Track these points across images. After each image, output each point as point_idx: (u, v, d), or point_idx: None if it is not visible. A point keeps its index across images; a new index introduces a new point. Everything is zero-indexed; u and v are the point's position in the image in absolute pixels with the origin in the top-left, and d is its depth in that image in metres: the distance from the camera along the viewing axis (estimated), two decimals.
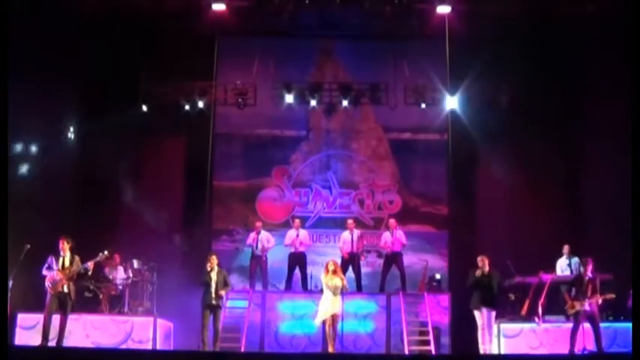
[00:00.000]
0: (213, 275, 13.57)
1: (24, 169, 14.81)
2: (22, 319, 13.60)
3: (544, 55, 17.09)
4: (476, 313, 13.17)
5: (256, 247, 15.88)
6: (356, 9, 17.03)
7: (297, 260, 15.92)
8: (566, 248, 15.13)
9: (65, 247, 12.50)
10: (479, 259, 13.26)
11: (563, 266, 15.03)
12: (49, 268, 12.42)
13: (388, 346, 14.86)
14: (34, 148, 15.29)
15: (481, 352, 12.96)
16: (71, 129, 16.42)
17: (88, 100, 16.82)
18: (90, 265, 12.62)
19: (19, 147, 14.24)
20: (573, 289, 12.58)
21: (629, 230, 11.79)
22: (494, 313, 13.16)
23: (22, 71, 13.45)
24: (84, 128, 16.79)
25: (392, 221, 16.26)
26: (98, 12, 16.21)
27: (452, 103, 17.28)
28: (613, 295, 12.66)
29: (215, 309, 13.55)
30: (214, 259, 13.79)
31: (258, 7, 16.74)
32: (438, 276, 16.23)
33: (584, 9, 16.15)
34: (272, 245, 16.09)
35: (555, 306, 13.46)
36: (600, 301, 12.46)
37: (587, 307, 12.34)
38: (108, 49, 16.86)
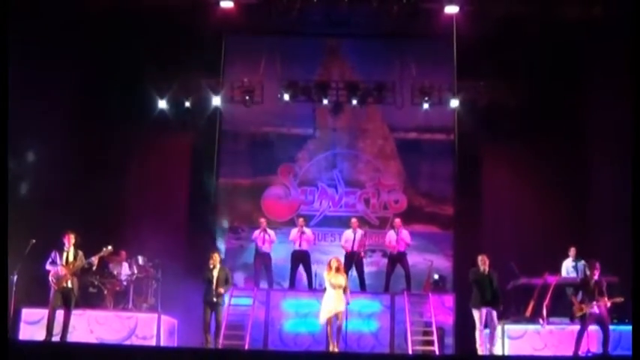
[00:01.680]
0: (215, 273, 13.57)
1: (29, 164, 14.81)
2: (27, 313, 13.62)
3: (551, 57, 17.04)
4: (475, 312, 13.09)
5: (263, 244, 15.87)
6: (363, 8, 16.98)
7: (300, 258, 15.91)
8: (572, 251, 15.05)
9: (70, 242, 12.52)
10: (479, 258, 13.20)
11: (569, 268, 14.99)
12: (53, 263, 12.40)
13: (392, 346, 14.86)
14: (39, 144, 15.30)
15: (479, 352, 12.93)
16: (77, 125, 16.41)
17: (94, 96, 16.82)
18: (94, 260, 12.62)
19: (24, 142, 14.23)
20: (580, 293, 12.55)
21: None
22: (495, 313, 13.09)
23: (27, 67, 13.48)
24: (90, 125, 16.79)
25: (397, 220, 16.24)
26: (105, 8, 16.20)
27: (458, 103, 17.28)
28: (622, 299, 12.61)
29: (215, 306, 13.54)
30: (217, 257, 13.79)
31: (265, 5, 16.70)
32: (436, 276, 16.22)
33: (591, 11, 16.09)
34: (274, 239, 16.07)
35: (560, 308, 13.42)
36: (609, 304, 12.42)
37: (595, 310, 12.31)
38: (115, 46, 16.87)
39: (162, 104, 17.68)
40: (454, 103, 17.32)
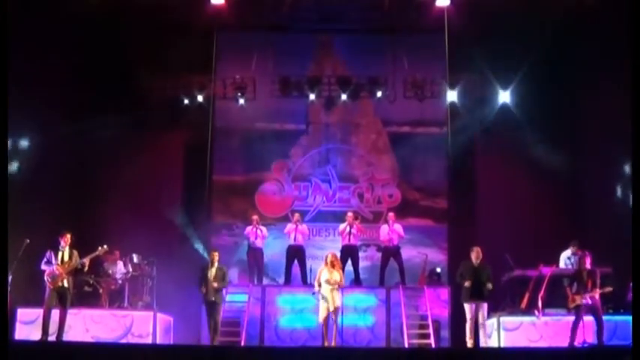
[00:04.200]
0: (212, 271, 13.56)
1: (23, 164, 14.76)
2: (22, 313, 13.61)
3: (544, 49, 17.03)
4: (466, 305, 13.17)
5: (255, 239, 15.88)
6: (355, 2, 17.02)
7: (296, 253, 15.91)
8: (573, 245, 14.92)
9: (66, 242, 12.51)
10: (472, 250, 13.25)
11: (566, 259, 14.94)
12: (48, 262, 12.42)
13: (388, 340, 14.88)
14: (33, 143, 15.26)
15: (468, 344, 12.98)
16: (70, 123, 16.38)
17: (86, 94, 16.77)
18: (85, 261, 12.61)
19: (18, 142, 14.20)
20: (574, 284, 12.58)
21: (629, 222, 11.75)
22: (485, 306, 13.15)
23: (20, 67, 13.43)
24: (83, 123, 16.75)
25: (390, 214, 16.29)
26: (96, 6, 16.13)
27: (451, 96, 17.29)
28: (610, 289, 12.66)
29: (213, 305, 13.55)
30: (216, 255, 13.79)
31: (257, 0, 16.69)
32: (438, 269, 16.31)
33: (584, 3, 16.08)
34: (266, 235, 16.13)
35: (555, 299, 13.44)
36: (597, 295, 12.45)
37: (588, 301, 12.36)
38: (106, 43, 16.82)
39: (154, 102, 17.64)
40: (447, 96, 17.29)
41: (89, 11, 16.13)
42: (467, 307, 13.17)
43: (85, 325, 13.68)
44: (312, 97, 18.02)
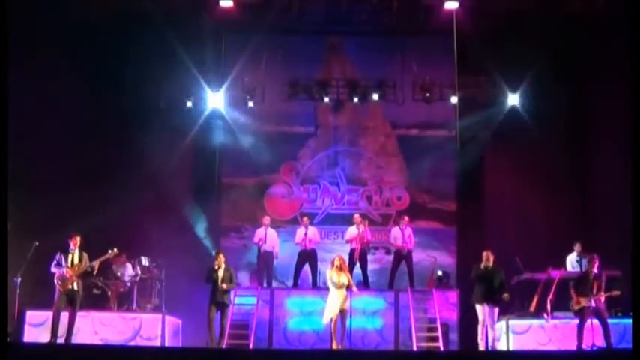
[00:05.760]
0: (220, 273, 13.57)
1: (32, 166, 14.80)
2: (31, 316, 13.63)
3: (552, 52, 17.01)
4: (477, 307, 13.17)
5: (265, 243, 15.89)
6: (364, 5, 17.01)
7: (308, 257, 15.93)
8: (577, 246, 14.96)
9: (76, 244, 12.54)
10: (484, 253, 13.27)
11: (573, 262, 14.92)
12: (58, 264, 12.44)
13: (397, 343, 14.88)
14: (41, 146, 15.29)
15: (480, 347, 12.97)
16: (78, 125, 16.42)
17: (95, 98, 16.79)
18: (95, 264, 12.65)
19: (27, 144, 14.23)
20: (579, 286, 12.55)
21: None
22: (497, 309, 13.16)
23: (30, 68, 13.48)
24: (91, 127, 16.79)
25: (406, 219, 16.22)
26: (105, 8, 16.19)
27: (460, 99, 17.23)
28: (618, 292, 12.63)
29: (222, 306, 13.55)
30: (222, 257, 13.79)
31: (265, 3, 16.70)
32: (439, 272, 16.21)
33: (593, 5, 16.04)
34: (276, 239, 16.14)
35: (564, 302, 13.40)
36: (603, 298, 12.42)
37: (592, 304, 12.32)
38: (115, 46, 16.85)
39: (163, 104, 17.66)
40: (455, 99, 17.26)
41: (98, 13, 16.19)
42: (479, 308, 13.15)
43: (93, 328, 13.71)
44: (320, 99, 17.99)
